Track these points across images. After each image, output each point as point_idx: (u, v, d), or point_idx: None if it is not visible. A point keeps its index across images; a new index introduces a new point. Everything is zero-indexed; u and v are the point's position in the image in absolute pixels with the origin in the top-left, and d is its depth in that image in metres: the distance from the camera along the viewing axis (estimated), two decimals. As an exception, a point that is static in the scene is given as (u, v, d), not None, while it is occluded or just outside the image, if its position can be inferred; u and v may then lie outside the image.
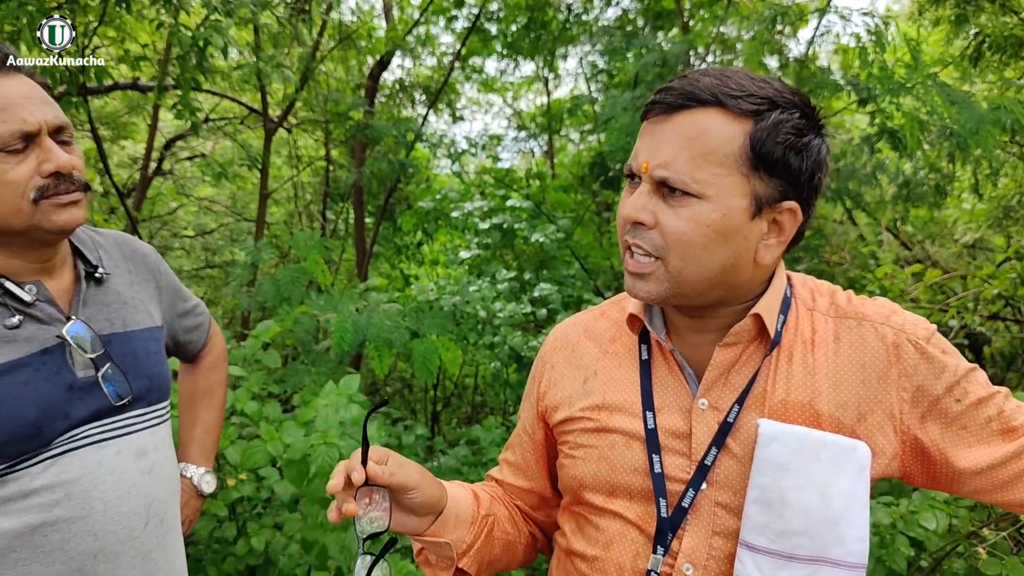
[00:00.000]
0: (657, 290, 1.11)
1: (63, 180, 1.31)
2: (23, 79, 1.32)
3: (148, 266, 1.64)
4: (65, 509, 1.32)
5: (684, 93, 1.07)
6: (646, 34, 5.28)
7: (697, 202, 1.06)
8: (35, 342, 1.34)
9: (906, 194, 4.97)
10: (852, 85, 3.87)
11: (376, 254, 7.69)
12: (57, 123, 1.32)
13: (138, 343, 1.49)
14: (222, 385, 1.90)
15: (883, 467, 1.14)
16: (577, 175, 7.18)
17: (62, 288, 1.43)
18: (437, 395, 7.81)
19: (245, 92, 7.19)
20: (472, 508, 1.30)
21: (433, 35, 7.87)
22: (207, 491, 1.81)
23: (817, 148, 1.09)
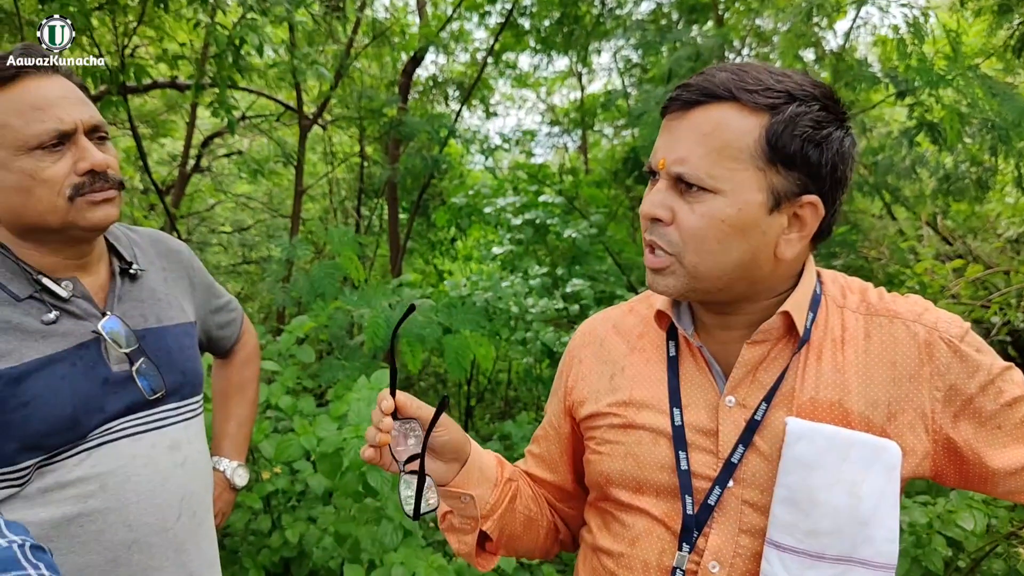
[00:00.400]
0: (675, 285, 1.12)
1: (98, 178, 1.33)
2: (60, 80, 1.35)
3: (182, 263, 1.67)
4: (100, 500, 1.35)
5: (700, 89, 1.07)
6: (680, 28, 5.24)
7: (712, 197, 1.06)
8: (71, 337, 1.37)
9: (947, 188, 4.87)
10: (890, 78, 3.80)
11: (410, 250, 7.73)
12: (92, 122, 1.35)
13: (171, 338, 1.52)
14: (255, 380, 1.93)
15: (914, 467, 1.12)
16: (610, 170, 7.15)
17: (98, 284, 1.46)
18: (470, 390, 7.83)
19: (281, 90, 7.27)
20: (496, 470, 1.31)
21: (466, 31, 7.88)
22: (239, 484, 1.84)
23: (839, 141, 1.07)
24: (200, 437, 1.57)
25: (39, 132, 1.28)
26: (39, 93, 1.30)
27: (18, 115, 1.28)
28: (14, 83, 1.29)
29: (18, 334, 1.31)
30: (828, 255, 5.41)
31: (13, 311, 1.33)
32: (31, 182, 1.30)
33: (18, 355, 1.30)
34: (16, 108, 1.28)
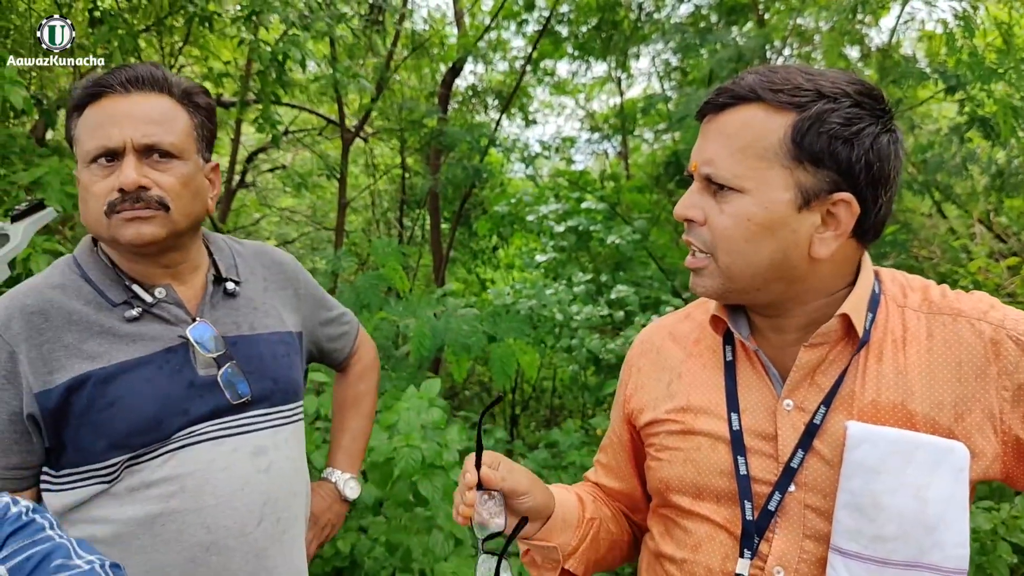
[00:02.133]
0: (712, 285, 1.14)
1: (128, 197, 1.37)
2: (152, 98, 1.41)
3: (286, 274, 1.71)
4: (180, 501, 1.39)
5: (728, 92, 1.09)
6: (720, 29, 5.19)
7: (739, 197, 1.07)
8: (160, 341, 1.42)
9: (999, 184, 4.75)
10: (939, 73, 3.72)
11: (452, 259, 7.77)
12: (146, 142, 1.37)
13: (264, 346, 1.55)
14: (371, 394, 1.95)
15: (984, 469, 1.09)
16: (652, 175, 7.11)
17: (192, 292, 1.51)
18: (515, 398, 7.83)
19: (322, 104, 7.36)
20: (578, 512, 1.32)
21: (504, 39, 7.91)
22: (350, 496, 1.84)
23: (872, 137, 1.05)
24: (291, 445, 1.59)
25: (91, 148, 1.36)
26: (107, 111, 1.37)
27: (87, 131, 1.37)
28: (97, 101, 1.38)
29: (109, 337, 1.38)
30: (878, 256, 5.31)
31: (108, 316, 1.40)
32: (85, 194, 1.39)
33: (108, 357, 1.36)
34: (88, 124, 1.38)
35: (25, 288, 1.41)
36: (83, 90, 1.39)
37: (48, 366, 1.34)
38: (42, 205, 1.59)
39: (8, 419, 1.34)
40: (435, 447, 2.68)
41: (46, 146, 4.39)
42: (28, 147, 3.87)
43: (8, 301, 1.38)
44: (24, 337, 1.34)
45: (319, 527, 1.77)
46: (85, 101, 1.39)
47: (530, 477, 1.22)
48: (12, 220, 1.54)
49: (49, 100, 4.53)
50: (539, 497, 1.22)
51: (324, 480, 1.84)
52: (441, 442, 2.75)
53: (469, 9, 7.69)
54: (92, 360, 1.35)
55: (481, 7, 8.11)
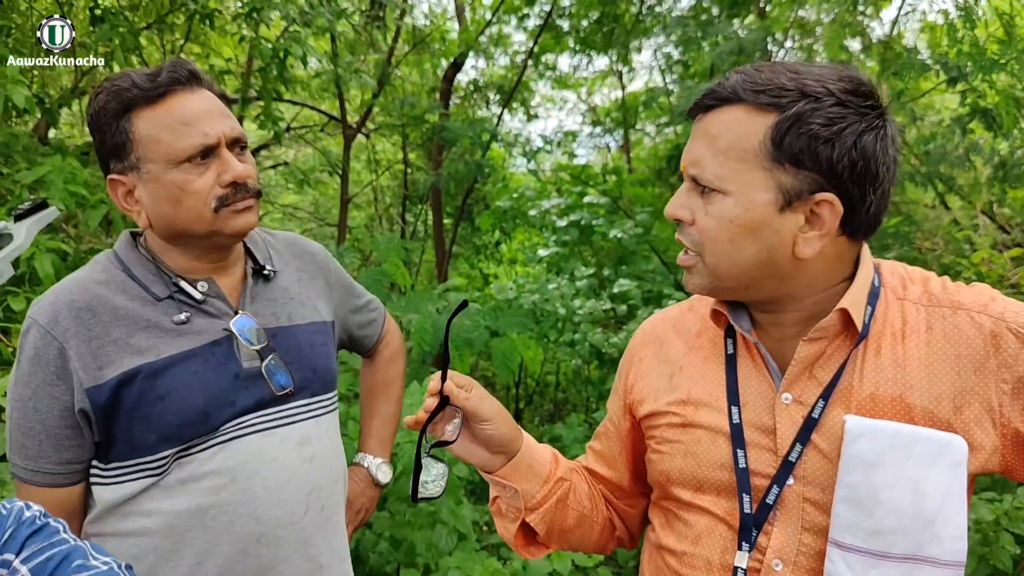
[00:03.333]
0: (701, 283, 1.16)
1: (239, 189, 1.42)
2: (204, 93, 1.44)
3: (317, 264, 1.73)
4: (231, 493, 1.42)
5: (712, 93, 1.10)
6: (721, 22, 5.18)
7: (722, 198, 1.08)
8: (205, 335, 1.45)
9: (1003, 175, 4.74)
10: (941, 64, 3.71)
11: (455, 254, 7.77)
12: (234, 135, 1.43)
13: (303, 336, 1.58)
14: (399, 379, 1.98)
15: (983, 462, 1.09)
16: (654, 169, 7.10)
17: (232, 285, 1.54)
18: (519, 393, 7.84)
19: (324, 100, 7.36)
20: (549, 467, 1.31)
21: (505, 34, 7.90)
22: (383, 481, 1.87)
23: (855, 136, 1.04)
24: (331, 433, 1.62)
25: (187, 147, 1.37)
26: (186, 108, 1.39)
27: (169, 130, 1.37)
28: (164, 99, 1.38)
29: (157, 331, 1.41)
30: (881, 248, 5.30)
31: (154, 310, 1.42)
32: (181, 193, 1.39)
33: (156, 351, 1.39)
34: (167, 124, 1.37)
35: (70, 284, 1.43)
36: (143, 90, 1.38)
37: (98, 361, 1.36)
38: (45, 204, 1.60)
39: (60, 415, 1.36)
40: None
41: (49, 144, 4.40)
42: (31, 146, 3.88)
43: (54, 298, 1.39)
44: (73, 333, 1.36)
45: (354, 511, 1.80)
46: (142, 102, 1.38)
47: (498, 409, 1.21)
48: (15, 219, 1.55)
49: (51, 99, 4.53)
50: (503, 429, 1.21)
51: (357, 465, 1.87)
52: (444, 437, 2.75)
53: (470, 4, 7.68)
54: (141, 355, 1.38)
55: (482, 2, 8.10)
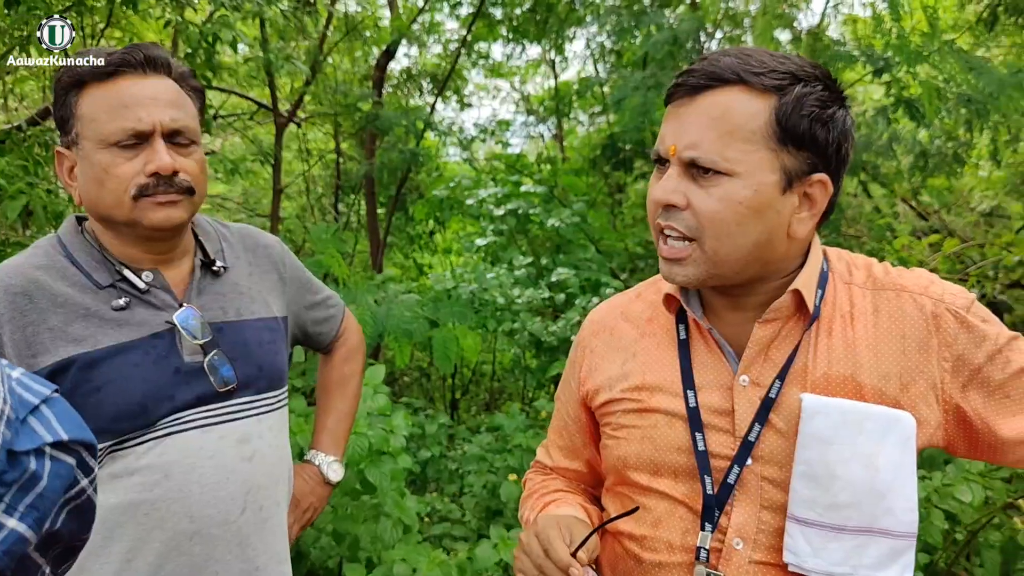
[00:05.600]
0: (695, 273, 1.12)
1: (162, 181, 1.36)
2: (160, 80, 1.39)
3: (271, 258, 1.68)
4: (164, 489, 1.38)
5: (706, 74, 1.09)
6: (652, 12, 5.23)
7: (728, 180, 1.07)
8: (146, 327, 1.40)
9: (923, 164, 4.92)
10: (867, 55, 3.82)
11: (389, 244, 7.69)
12: (174, 126, 1.38)
13: (250, 332, 1.53)
14: (356, 376, 1.93)
15: (928, 437, 1.13)
16: (588, 157, 7.14)
17: (179, 277, 1.49)
18: (455, 383, 7.82)
19: (252, 88, 7.18)
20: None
21: (438, 22, 7.83)
22: (334, 479, 1.82)
23: (842, 119, 1.09)
24: (276, 432, 1.57)
25: (117, 129, 1.33)
26: (130, 91, 1.35)
27: (106, 111, 1.34)
28: (112, 79, 1.35)
29: (96, 320, 1.36)
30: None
31: (94, 299, 1.37)
32: (104, 176, 1.35)
33: (93, 341, 1.34)
34: (107, 104, 1.34)
35: (7, 268, 1.37)
36: (92, 67, 1.34)
37: (32, 349, 1.31)
38: None
39: None
40: (382, 433, 2.66)
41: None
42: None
43: None
44: (8, 319, 1.31)
45: (301, 510, 1.75)
46: (88, 79, 1.35)
47: (586, 527, 1.22)
48: None
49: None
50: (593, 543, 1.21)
51: (307, 462, 1.82)
52: (387, 428, 2.73)
53: (402, -9, 7.58)
54: (77, 344, 1.33)
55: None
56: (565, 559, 1.10)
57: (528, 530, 1.21)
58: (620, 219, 7.58)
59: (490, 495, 3.88)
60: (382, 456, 2.62)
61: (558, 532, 1.15)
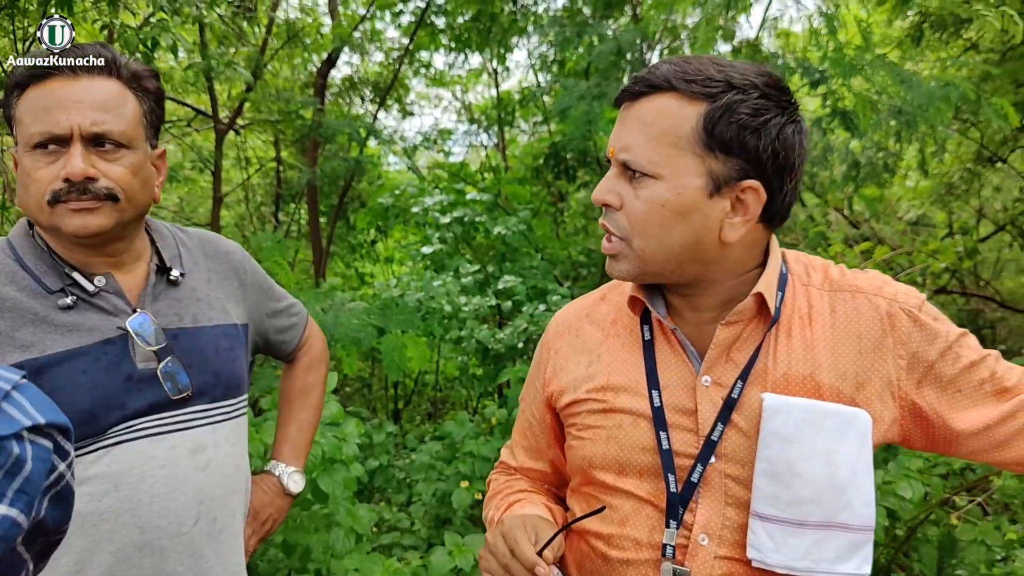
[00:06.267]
0: (628, 268, 1.18)
1: (74, 187, 1.32)
2: (101, 83, 1.35)
3: (232, 264, 1.65)
4: (113, 500, 1.34)
5: (644, 81, 1.14)
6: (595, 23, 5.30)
7: (653, 183, 1.12)
8: (97, 332, 1.37)
9: (856, 174, 5.08)
10: (803, 68, 3.94)
11: (331, 253, 7.61)
12: (95, 130, 1.32)
13: (207, 339, 1.50)
14: (319, 385, 1.90)
15: (883, 433, 1.18)
16: (530, 166, 7.19)
17: (134, 282, 1.46)
18: (398, 393, 7.77)
19: (188, 94, 7.04)
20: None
21: (379, 30, 7.79)
22: (294, 490, 1.79)
23: (778, 127, 1.11)
24: (232, 441, 1.54)
25: (35, 132, 1.31)
26: (56, 94, 1.31)
27: (32, 113, 1.31)
28: (44, 81, 1.31)
29: (44, 326, 1.32)
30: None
31: (43, 303, 1.34)
32: (27, 179, 1.33)
33: (42, 347, 1.31)
34: (32, 107, 1.32)
35: None
36: (26, 69, 1.31)
37: None
38: None
39: None
40: (334, 441, 2.63)
41: None
42: None
43: None
44: None
45: (259, 522, 1.71)
46: (28, 81, 1.31)
47: (551, 525, 1.23)
48: None
49: None
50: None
51: (267, 473, 1.78)
52: (339, 436, 2.70)
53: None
54: (24, 350, 1.29)
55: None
56: (531, 558, 1.12)
57: (494, 530, 1.22)
58: (563, 227, 7.65)
59: (439, 503, 3.87)
60: (334, 464, 2.60)
61: (524, 532, 1.17)
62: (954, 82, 3.44)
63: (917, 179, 7.61)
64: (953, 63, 4.98)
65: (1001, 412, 1.15)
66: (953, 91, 3.40)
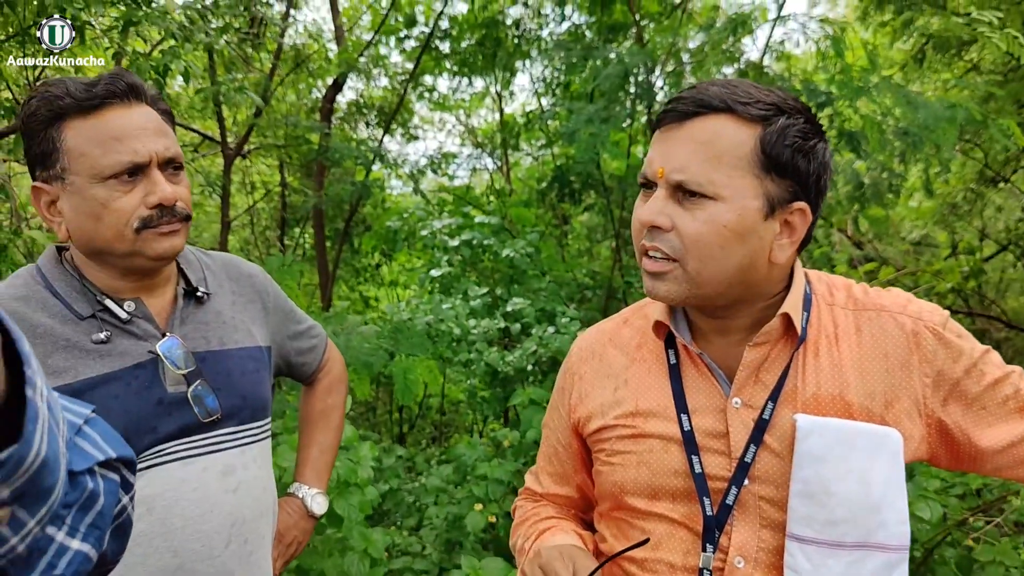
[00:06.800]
0: (676, 290, 1.15)
1: (165, 212, 1.36)
2: (143, 109, 1.37)
3: (255, 287, 1.66)
4: (146, 524, 1.34)
5: (696, 101, 1.12)
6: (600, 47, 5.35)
7: (713, 204, 1.10)
8: (128, 357, 1.38)
9: (861, 194, 5.11)
10: (809, 90, 3.97)
11: (336, 277, 7.63)
12: (167, 155, 1.37)
13: (233, 362, 1.51)
14: (339, 407, 1.90)
15: (912, 451, 1.18)
16: (535, 189, 7.22)
17: (162, 306, 1.47)
18: (402, 417, 7.76)
19: (195, 120, 7.09)
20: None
21: (383, 55, 7.86)
22: (317, 512, 1.79)
23: (822, 152, 1.14)
24: (260, 463, 1.54)
25: (114, 163, 1.32)
26: (119, 123, 1.33)
27: (98, 144, 1.32)
28: (98, 111, 1.33)
29: (76, 352, 1.33)
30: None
31: (75, 330, 1.35)
32: (103, 210, 1.33)
33: (74, 372, 1.32)
34: (97, 138, 1.32)
35: None
36: (76, 100, 1.31)
37: None
38: None
39: None
40: (349, 464, 2.63)
41: None
42: None
43: None
44: None
45: (285, 544, 1.72)
46: (74, 111, 1.32)
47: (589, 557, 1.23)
48: None
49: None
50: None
51: (291, 495, 1.79)
52: (354, 459, 2.69)
53: (348, 26, 7.60)
54: (57, 376, 1.30)
55: (360, 22, 8.04)
56: None
57: (532, 562, 1.21)
58: (567, 250, 7.67)
59: (450, 527, 3.85)
60: (350, 487, 2.59)
61: (563, 563, 1.17)
62: (960, 103, 3.47)
63: (920, 199, 7.64)
64: (956, 84, 5.02)
65: None
66: (959, 112, 3.43)
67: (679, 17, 5.13)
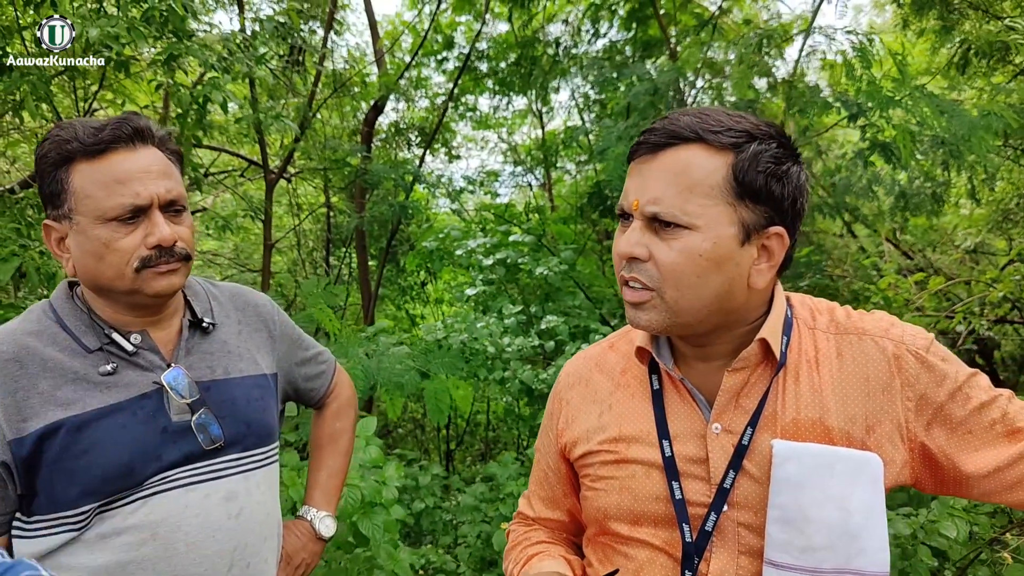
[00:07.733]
0: (657, 319, 1.16)
1: (164, 252, 1.41)
2: (148, 151, 1.43)
3: (261, 316, 1.72)
4: (151, 549, 1.39)
5: (667, 132, 1.13)
6: (634, 63, 5.36)
7: (688, 233, 1.11)
8: (134, 387, 1.43)
9: (903, 204, 5.01)
10: (841, 101, 3.92)
11: (381, 296, 7.73)
12: (169, 197, 1.42)
13: (239, 390, 1.56)
14: (348, 431, 1.95)
15: (895, 476, 1.17)
16: (575, 205, 7.23)
17: (168, 337, 1.53)
18: (450, 434, 7.80)
19: (243, 145, 7.29)
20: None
21: (424, 76, 7.98)
22: (326, 535, 1.83)
23: (796, 175, 1.14)
24: (263, 488, 1.59)
25: (116, 205, 1.37)
26: (123, 167, 1.39)
27: (102, 187, 1.37)
28: (104, 155, 1.39)
29: (84, 384, 1.39)
30: (795, 276, 5.50)
31: (83, 362, 1.41)
32: (104, 250, 1.38)
33: (82, 404, 1.37)
34: (100, 180, 1.38)
35: (1, 335, 1.40)
36: (83, 144, 1.38)
37: (22, 414, 1.34)
38: None
39: None
40: (375, 485, 2.67)
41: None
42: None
43: None
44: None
45: (293, 567, 1.75)
46: (81, 155, 1.38)
47: None
48: None
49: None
50: None
51: (299, 518, 1.83)
52: (380, 479, 2.73)
53: (388, 48, 7.74)
54: (65, 407, 1.36)
55: (401, 45, 8.18)
56: None
57: None
58: (608, 265, 7.65)
59: (484, 545, 3.87)
60: (375, 508, 2.63)
61: None
62: (995, 110, 3.39)
63: (971, 207, 7.44)
64: (1001, 90, 4.89)
65: (1012, 453, 1.13)
66: (995, 120, 3.35)
67: (710, 31, 5.11)
